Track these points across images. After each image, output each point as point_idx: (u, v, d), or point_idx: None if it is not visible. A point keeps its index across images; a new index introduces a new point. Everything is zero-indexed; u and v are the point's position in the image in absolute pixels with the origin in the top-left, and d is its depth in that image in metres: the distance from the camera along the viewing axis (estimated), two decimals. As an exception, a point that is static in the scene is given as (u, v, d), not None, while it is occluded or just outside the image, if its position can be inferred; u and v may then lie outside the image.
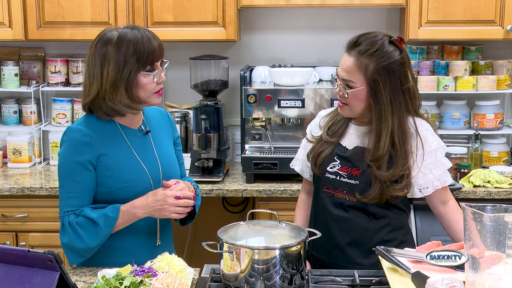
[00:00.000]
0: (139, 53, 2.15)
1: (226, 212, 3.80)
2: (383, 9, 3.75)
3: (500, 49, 3.72)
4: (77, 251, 2.20)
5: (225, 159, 3.51)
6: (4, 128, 3.82)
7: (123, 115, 2.23)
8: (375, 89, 2.20)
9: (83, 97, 2.23)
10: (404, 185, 2.23)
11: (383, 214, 2.28)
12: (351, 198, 2.28)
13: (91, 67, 2.19)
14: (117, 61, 2.14)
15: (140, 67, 2.16)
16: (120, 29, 2.19)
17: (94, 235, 2.17)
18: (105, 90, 2.16)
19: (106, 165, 2.20)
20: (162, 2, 3.48)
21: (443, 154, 2.31)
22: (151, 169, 2.26)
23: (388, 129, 2.21)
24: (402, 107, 2.23)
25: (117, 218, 2.17)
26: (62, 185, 2.23)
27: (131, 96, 2.18)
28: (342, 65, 2.26)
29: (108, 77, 2.15)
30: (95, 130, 2.21)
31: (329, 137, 2.35)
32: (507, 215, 1.67)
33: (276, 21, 3.81)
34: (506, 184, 3.25)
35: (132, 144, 2.26)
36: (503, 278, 1.70)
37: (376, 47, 2.19)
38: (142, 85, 2.18)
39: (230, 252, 1.95)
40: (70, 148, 2.20)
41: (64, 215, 2.20)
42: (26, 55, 3.86)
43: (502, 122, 3.61)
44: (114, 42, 2.15)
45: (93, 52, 2.19)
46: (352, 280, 2.05)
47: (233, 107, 3.82)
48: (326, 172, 2.33)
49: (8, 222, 3.36)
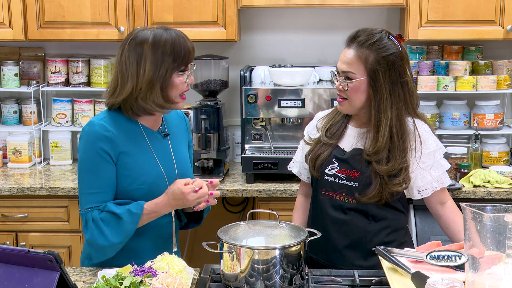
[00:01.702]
0: (176, 52, 2.15)
1: (226, 212, 3.79)
2: (383, 9, 3.75)
3: (500, 49, 3.72)
4: (99, 248, 2.17)
5: (225, 159, 3.52)
6: (4, 128, 3.82)
7: (152, 114, 2.23)
8: (374, 79, 2.22)
9: (112, 96, 2.20)
10: (402, 179, 2.23)
11: (382, 216, 2.28)
12: (350, 200, 2.28)
13: (124, 65, 2.17)
14: (154, 60, 2.14)
15: (176, 67, 2.17)
16: (153, 29, 2.19)
17: (117, 231, 2.14)
18: (140, 89, 2.15)
19: (126, 164, 2.19)
20: (162, 2, 3.48)
21: (441, 155, 2.32)
22: (168, 172, 2.26)
23: (387, 120, 2.22)
24: (400, 99, 2.25)
25: (141, 215, 2.15)
26: (82, 180, 2.19)
27: (165, 96, 2.18)
28: (341, 58, 2.27)
29: (144, 76, 2.14)
30: (118, 127, 2.20)
31: (328, 138, 2.35)
32: (507, 215, 1.67)
33: (276, 21, 3.81)
34: (506, 184, 3.25)
35: (153, 146, 2.25)
36: (503, 278, 1.70)
37: (375, 38, 2.22)
38: (176, 85, 2.18)
39: (230, 252, 1.95)
40: (91, 141, 2.17)
41: (87, 211, 2.17)
42: (26, 55, 3.86)
43: (502, 122, 3.61)
44: (151, 41, 2.15)
45: (127, 50, 2.17)
46: (352, 280, 2.05)
47: (233, 107, 3.82)
48: (325, 175, 2.32)
49: (8, 222, 3.36)
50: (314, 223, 2.37)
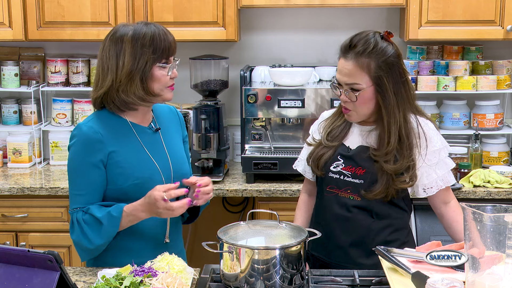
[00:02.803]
0: (156, 44, 2.16)
1: (226, 212, 3.79)
2: (383, 9, 3.75)
3: (500, 49, 3.72)
4: (84, 248, 2.20)
5: (225, 159, 3.52)
6: (4, 128, 3.82)
7: (135, 109, 2.23)
8: (380, 85, 2.21)
9: (94, 91, 2.22)
10: (409, 176, 2.23)
11: (386, 214, 2.28)
12: (355, 197, 2.27)
13: (105, 60, 2.18)
14: (133, 52, 2.15)
15: (156, 59, 2.17)
16: (133, 25, 2.20)
17: (98, 234, 2.16)
18: (119, 81, 2.15)
19: (117, 162, 2.19)
20: (162, 2, 3.48)
21: (446, 154, 2.32)
22: (162, 167, 2.26)
23: (397, 123, 2.23)
24: (404, 99, 2.26)
25: (120, 218, 2.16)
26: (71, 181, 2.22)
27: (146, 88, 2.18)
28: (341, 70, 2.25)
29: (123, 68, 2.14)
30: (106, 127, 2.20)
31: (329, 142, 2.34)
32: (507, 215, 1.67)
33: (276, 21, 3.81)
34: (506, 184, 3.25)
35: (143, 141, 2.25)
36: (503, 278, 1.70)
37: (372, 45, 2.21)
38: (157, 77, 2.18)
39: (230, 252, 1.95)
40: (80, 146, 2.18)
41: (74, 211, 2.20)
42: (26, 55, 3.86)
43: (502, 122, 3.61)
44: (130, 35, 2.16)
45: (107, 45, 2.18)
46: (352, 280, 2.05)
47: (233, 107, 3.82)
48: (330, 172, 2.32)
49: (8, 222, 3.36)
50: (318, 220, 2.37)
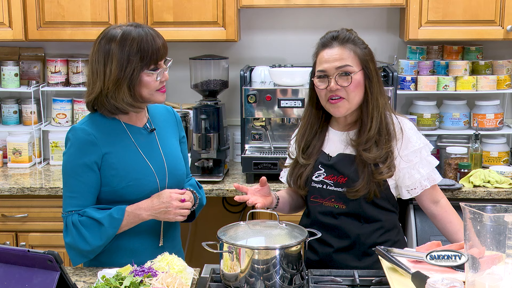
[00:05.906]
0: (143, 52, 2.14)
1: (226, 212, 3.79)
2: (383, 9, 3.75)
3: (500, 49, 3.72)
4: (80, 251, 2.19)
5: (225, 159, 3.51)
6: (4, 128, 3.82)
7: (126, 113, 2.23)
8: (368, 70, 2.25)
9: (86, 96, 2.23)
10: (387, 166, 2.21)
11: (374, 217, 2.26)
12: (340, 205, 2.26)
13: (94, 64, 2.18)
14: (120, 59, 2.13)
15: (144, 66, 2.15)
16: (124, 26, 2.18)
17: (98, 235, 2.16)
18: (107, 88, 2.14)
19: (111, 164, 2.19)
20: (162, 2, 3.48)
21: (428, 152, 2.30)
22: (157, 167, 2.25)
23: (379, 108, 2.24)
24: (383, 91, 2.29)
25: (122, 219, 2.16)
26: (65, 184, 2.22)
27: (134, 95, 2.17)
28: (328, 59, 2.24)
29: (111, 75, 2.13)
30: (99, 129, 2.20)
31: (305, 160, 2.33)
32: (507, 215, 1.67)
33: (276, 21, 3.81)
34: (506, 184, 3.25)
35: (137, 142, 2.25)
36: (503, 278, 1.70)
37: (352, 36, 2.27)
38: (145, 83, 2.17)
39: (230, 252, 1.95)
40: (74, 148, 2.19)
41: (67, 214, 2.20)
42: (26, 55, 3.86)
43: (502, 122, 3.61)
44: (118, 39, 2.14)
45: (96, 49, 2.18)
46: (352, 280, 2.05)
47: (233, 107, 3.82)
48: (312, 182, 2.30)
49: (8, 222, 3.36)
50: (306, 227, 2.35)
